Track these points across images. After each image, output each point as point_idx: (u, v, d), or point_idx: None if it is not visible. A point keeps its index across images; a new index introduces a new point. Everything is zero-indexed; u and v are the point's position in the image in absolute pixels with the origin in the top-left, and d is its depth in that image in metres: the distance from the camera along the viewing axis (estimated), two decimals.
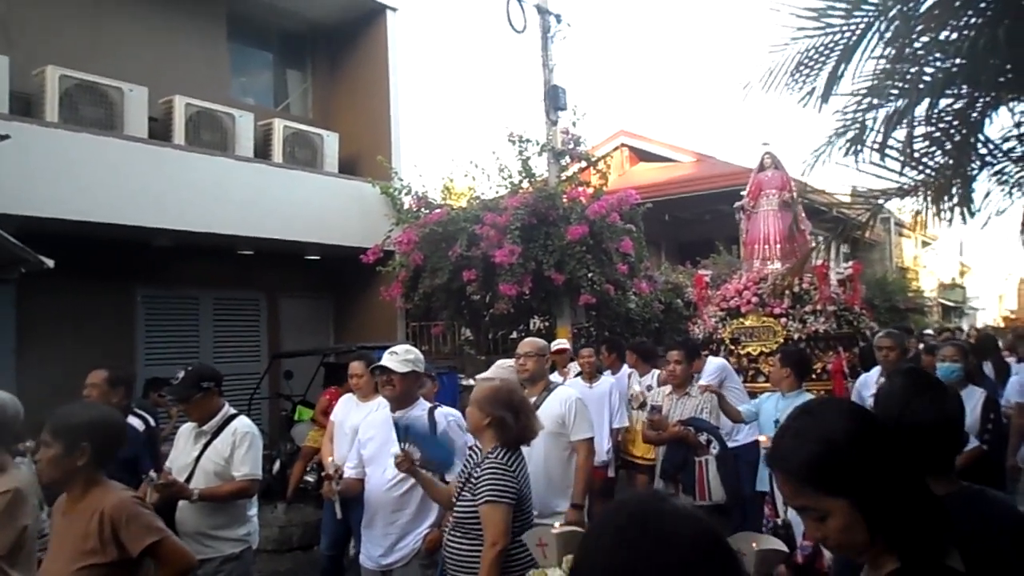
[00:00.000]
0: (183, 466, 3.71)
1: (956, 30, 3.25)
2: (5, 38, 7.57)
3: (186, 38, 9.46)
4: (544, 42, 10.01)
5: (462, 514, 2.99)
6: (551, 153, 9.88)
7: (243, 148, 9.07)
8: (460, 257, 8.81)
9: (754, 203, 8.97)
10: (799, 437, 1.37)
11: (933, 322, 20.38)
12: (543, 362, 4.26)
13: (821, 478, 1.32)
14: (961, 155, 3.62)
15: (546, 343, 4.54)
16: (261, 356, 10.08)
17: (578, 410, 4.05)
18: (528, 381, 4.20)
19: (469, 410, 3.12)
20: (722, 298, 8.63)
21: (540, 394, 4.12)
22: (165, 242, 8.45)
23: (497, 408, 3.04)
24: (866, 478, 1.30)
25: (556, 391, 4.20)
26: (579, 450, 4.01)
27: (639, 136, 18.50)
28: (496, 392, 3.12)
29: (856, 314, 8.32)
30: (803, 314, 8.02)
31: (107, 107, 7.98)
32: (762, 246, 8.78)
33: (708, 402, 4.93)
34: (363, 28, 10.95)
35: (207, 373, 3.79)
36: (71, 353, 7.69)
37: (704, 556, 1.06)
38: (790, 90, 3.89)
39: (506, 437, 3.04)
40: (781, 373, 4.95)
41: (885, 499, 1.30)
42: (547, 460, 3.92)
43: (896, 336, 5.63)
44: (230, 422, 3.76)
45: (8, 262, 6.10)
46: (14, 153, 6.41)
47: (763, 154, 9.13)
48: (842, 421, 1.37)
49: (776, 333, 7.95)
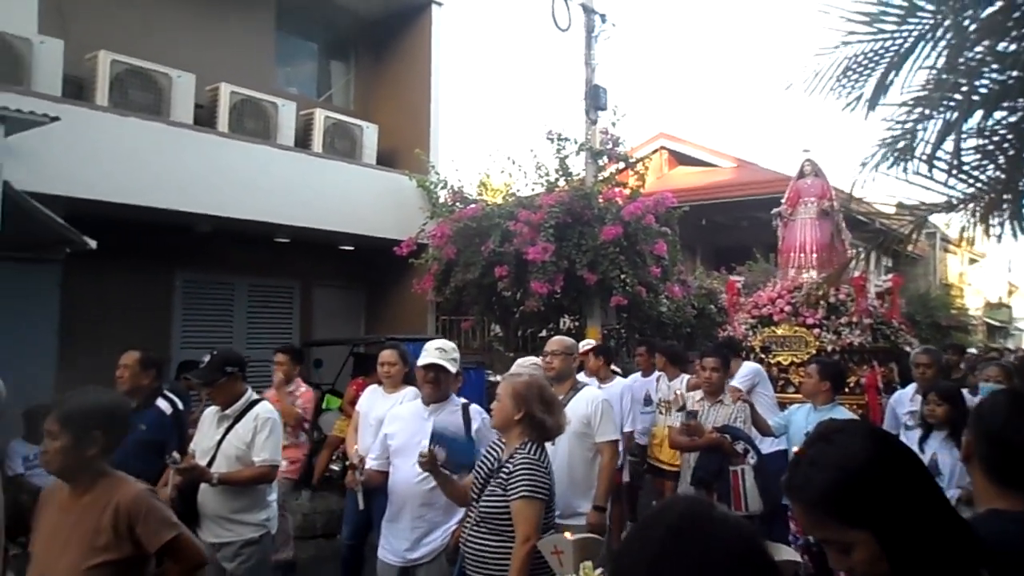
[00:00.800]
0: (205, 449, 3.75)
1: (1014, 41, 3.15)
2: (60, 22, 7.76)
3: (234, 26, 9.59)
4: (588, 41, 9.95)
5: (490, 510, 2.94)
6: (589, 153, 9.82)
7: (284, 137, 9.18)
8: (493, 253, 8.80)
9: (792, 210, 8.83)
10: (815, 465, 1.30)
11: (977, 341, 19.83)
12: (570, 361, 4.23)
13: (841, 508, 1.26)
14: (1013, 169, 3.51)
15: (574, 342, 4.48)
16: (293, 343, 10.18)
17: (604, 411, 4.02)
18: (555, 380, 4.15)
19: (499, 404, 3.08)
20: (754, 305, 8.51)
21: (567, 393, 4.09)
22: (205, 227, 8.59)
23: (530, 403, 3.02)
24: (888, 507, 1.24)
25: (583, 391, 4.16)
26: (603, 452, 3.98)
27: (679, 139, 18.31)
28: (528, 387, 3.10)
29: (894, 328, 8.14)
30: (838, 326, 7.86)
31: (155, 92, 8.13)
32: (798, 254, 8.64)
33: (742, 411, 4.86)
34: (408, 22, 11.00)
35: (232, 358, 3.83)
36: (111, 334, 7.86)
37: (748, 563, 1.05)
38: (836, 95, 3.81)
39: (536, 432, 3.03)
40: (820, 386, 4.83)
41: (907, 529, 1.24)
42: (571, 460, 3.90)
43: (934, 353, 5.57)
44: (252, 407, 3.78)
45: (54, 242, 6.25)
46: (64, 135, 6.55)
47: (803, 161, 8.98)
48: (861, 447, 1.30)
49: (808, 344, 7.81)
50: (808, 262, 8.53)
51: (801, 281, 8.31)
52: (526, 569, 2.78)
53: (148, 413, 4.14)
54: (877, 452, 1.31)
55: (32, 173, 6.39)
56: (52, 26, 7.57)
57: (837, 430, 1.39)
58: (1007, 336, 29.66)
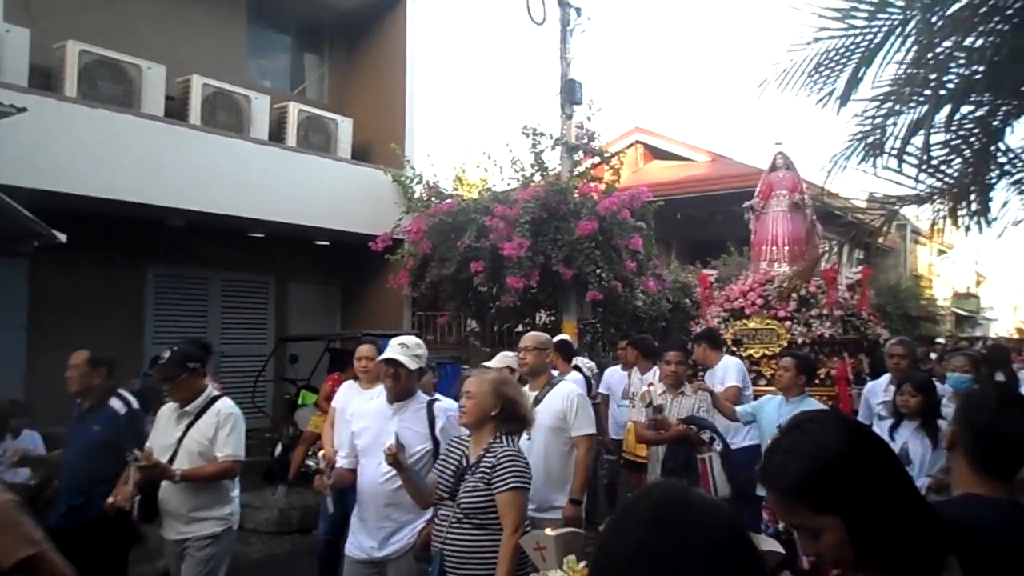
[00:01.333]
0: (165, 446, 3.67)
1: (980, 36, 3.20)
2: (27, 11, 7.60)
3: (206, 18, 9.46)
4: (563, 35, 9.96)
5: (473, 506, 2.94)
6: (565, 147, 9.84)
7: (258, 130, 9.08)
8: (468, 248, 8.79)
9: (764, 203, 8.83)
10: (790, 454, 1.34)
11: (946, 331, 20.22)
12: (544, 356, 4.24)
13: (812, 495, 1.30)
14: (980, 163, 3.58)
15: (548, 337, 4.49)
16: (267, 339, 10.11)
17: (579, 405, 4.05)
18: (529, 375, 4.21)
19: (472, 401, 3.07)
20: (726, 299, 8.51)
21: (542, 388, 4.12)
22: (178, 222, 8.48)
23: (503, 397, 3.04)
24: (858, 495, 1.28)
25: (558, 386, 4.18)
26: (579, 446, 4.00)
27: (654, 133, 18.39)
28: (504, 381, 3.13)
29: (864, 320, 8.20)
30: (809, 318, 7.89)
31: (125, 84, 8.00)
32: (770, 247, 8.64)
33: (704, 401, 4.94)
34: (382, 15, 10.92)
35: (193, 353, 3.76)
36: (81, 329, 7.73)
37: (726, 547, 1.07)
38: (808, 90, 3.85)
39: (512, 426, 3.06)
40: (797, 380, 4.89)
41: (875, 516, 1.28)
42: (547, 455, 3.93)
43: (908, 344, 5.58)
44: (213, 403, 3.75)
45: (22, 235, 6.13)
46: (31, 126, 6.43)
47: (775, 154, 8.98)
48: (834, 436, 1.34)
49: (780, 336, 7.83)
50: (780, 255, 8.54)
51: (773, 274, 8.32)
52: (516, 559, 2.81)
53: (101, 413, 4.04)
54: (849, 442, 1.34)
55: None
56: (18, 15, 7.43)
57: (810, 420, 1.42)
58: (975, 325, 30.28)
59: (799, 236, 8.61)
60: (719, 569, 1.04)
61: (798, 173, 8.88)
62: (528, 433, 3.97)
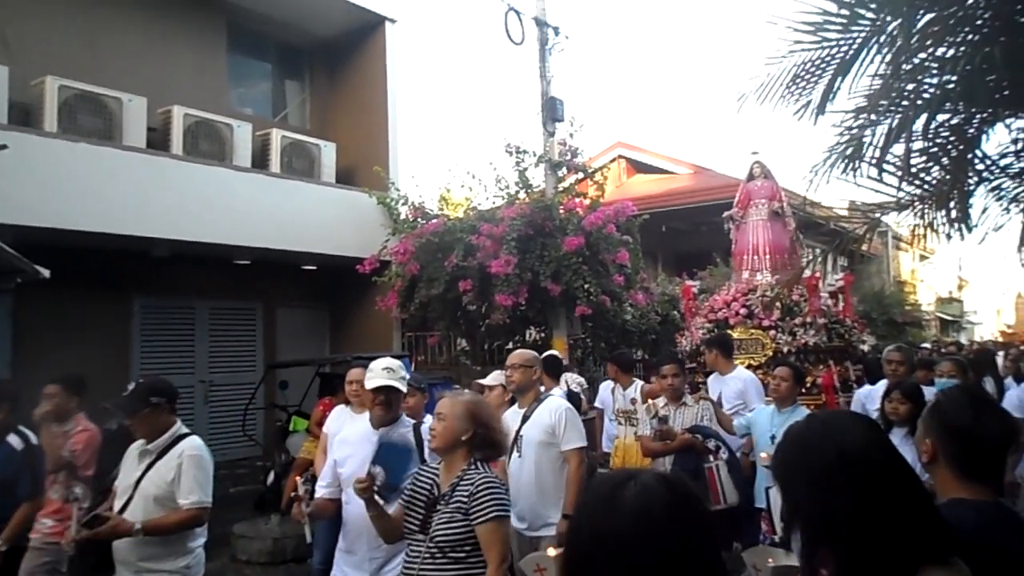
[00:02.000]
0: (125, 487, 3.34)
1: (953, 47, 3.27)
2: (4, 49, 7.58)
3: (185, 49, 9.48)
4: (542, 54, 10.04)
5: (449, 539, 2.72)
6: (548, 164, 9.88)
7: (241, 158, 9.08)
8: (456, 267, 8.80)
9: (743, 213, 8.81)
10: None
11: (931, 336, 20.39)
12: (531, 373, 4.24)
13: None
14: (958, 171, 3.64)
15: (535, 355, 4.48)
16: (257, 366, 10.04)
17: (568, 420, 4.04)
18: (517, 392, 4.24)
19: (443, 424, 2.87)
20: (710, 309, 8.47)
21: (530, 404, 4.15)
22: (162, 252, 8.44)
23: (476, 421, 2.89)
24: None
25: (546, 401, 4.19)
26: (570, 460, 4.00)
27: (636, 148, 18.54)
28: (478, 404, 3.00)
29: (848, 327, 8.17)
30: (793, 327, 7.85)
31: (106, 117, 7.98)
32: (751, 256, 8.61)
33: (706, 410, 4.98)
34: (362, 39, 10.98)
35: (159, 387, 3.47)
36: (67, 364, 7.60)
37: (650, 522, 1.16)
38: (786, 102, 3.92)
39: (487, 451, 2.93)
40: (796, 390, 4.98)
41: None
42: (539, 471, 3.97)
43: (906, 351, 5.62)
44: (178, 442, 3.39)
45: (4, 272, 6.08)
46: (12, 163, 6.40)
47: (752, 163, 8.97)
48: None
49: (765, 346, 7.79)
50: (762, 264, 8.50)
51: (755, 283, 8.30)
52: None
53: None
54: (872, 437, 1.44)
55: None
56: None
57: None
58: (959, 329, 30.54)
59: (780, 244, 8.60)
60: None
61: (776, 181, 8.88)
62: (519, 449, 4.00)
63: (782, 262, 8.43)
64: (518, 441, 4.03)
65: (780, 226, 8.63)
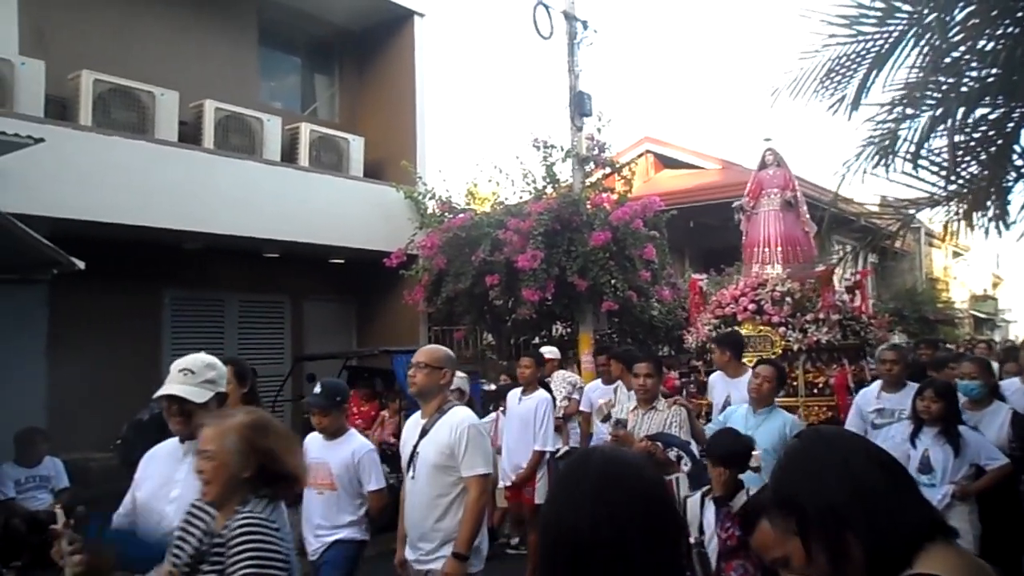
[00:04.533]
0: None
1: (993, 40, 3.20)
2: (41, 43, 7.72)
3: (216, 43, 9.58)
4: (571, 48, 9.99)
5: None
6: (576, 159, 9.85)
7: (270, 152, 9.16)
8: (483, 262, 8.81)
9: (754, 203, 8.24)
10: None
11: (964, 334, 20.01)
12: (439, 377, 3.43)
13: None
14: (996, 166, 3.56)
15: (447, 353, 3.63)
16: (284, 359, 10.14)
17: (471, 439, 3.31)
18: (418, 397, 3.53)
19: (211, 465, 2.17)
20: (717, 304, 7.90)
21: (431, 416, 3.42)
22: (193, 245, 8.55)
23: (257, 451, 2.18)
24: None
25: (450, 413, 3.41)
26: (470, 488, 3.31)
27: (664, 143, 18.37)
28: (252, 429, 2.22)
29: (864, 324, 7.59)
30: (804, 323, 7.27)
31: (139, 111, 8.10)
32: (762, 249, 8.04)
33: (677, 416, 4.48)
34: (390, 33, 11.01)
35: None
36: (100, 354, 7.80)
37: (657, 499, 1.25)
38: (819, 97, 3.86)
39: (273, 490, 2.24)
40: (776, 392, 4.67)
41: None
42: (433, 497, 3.33)
43: (900, 349, 5.47)
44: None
45: (41, 263, 6.21)
46: (48, 156, 6.52)
47: (765, 151, 8.38)
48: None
49: (774, 343, 7.26)
50: (773, 257, 7.93)
51: (765, 277, 7.76)
52: None
53: None
54: None
55: (17, 195, 6.36)
56: (33, 47, 7.54)
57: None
58: (993, 328, 29.93)
59: (793, 236, 8.03)
60: (655, 522, 1.21)
61: (789, 169, 8.30)
62: (414, 469, 3.41)
63: (794, 255, 7.90)
64: (414, 459, 3.42)
65: (793, 217, 8.06)
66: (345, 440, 3.95)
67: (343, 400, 3.99)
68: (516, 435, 6.00)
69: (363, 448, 3.94)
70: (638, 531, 1.18)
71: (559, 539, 1.21)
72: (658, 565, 1.18)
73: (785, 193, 8.08)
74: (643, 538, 1.18)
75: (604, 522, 1.17)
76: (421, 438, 3.42)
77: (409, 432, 3.57)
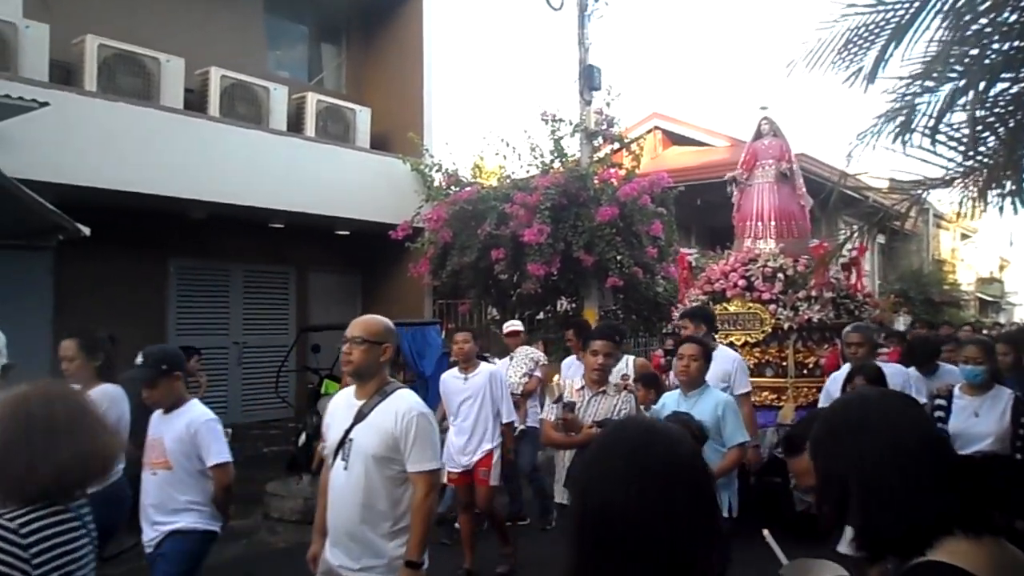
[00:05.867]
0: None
1: (1017, 11, 3.12)
2: (45, 7, 7.63)
3: (223, 10, 9.47)
4: (581, 20, 9.86)
5: None
6: (584, 134, 9.76)
7: (276, 121, 9.10)
8: (489, 236, 8.77)
9: (748, 175, 7.82)
10: None
11: (970, 316, 19.96)
12: (378, 353, 2.96)
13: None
14: (1015, 141, 3.49)
15: (386, 324, 3.07)
16: (289, 329, 10.16)
17: (420, 429, 2.88)
18: (354, 376, 3.06)
19: None
20: (707, 280, 7.54)
21: (371, 398, 2.96)
22: (199, 214, 8.52)
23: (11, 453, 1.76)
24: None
25: (394, 397, 2.95)
26: (416, 485, 2.87)
27: (673, 119, 18.21)
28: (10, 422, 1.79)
29: (859, 302, 7.26)
30: (796, 300, 6.90)
31: (144, 77, 8.03)
32: (755, 223, 7.64)
33: (627, 403, 4.21)
34: (399, 3, 10.88)
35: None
36: (105, 321, 7.76)
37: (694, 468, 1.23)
38: (836, 69, 3.79)
39: (24, 491, 1.78)
40: (705, 370, 4.27)
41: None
42: (369, 492, 2.87)
43: (865, 331, 5.11)
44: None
45: (46, 229, 6.19)
46: (53, 121, 6.47)
47: (760, 120, 7.99)
48: None
49: (764, 321, 6.89)
50: (767, 231, 7.55)
51: (757, 252, 7.40)
52: None
53: None
54: None
55: (21, 160, 6.32)
56: (37, 10, 7.45)
57: None
58: (999, 310, 29.85)
59: (788, 210, 7.64)
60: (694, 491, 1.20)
61: (786, 140, 7.91)
62: (345, 458, 2.91)
63: (788, 229, 7.54)
64: (345, 446, 2.94)
65: (788, 190, 7.67)
66: (183, 411, 3.50)
67: (172, 367, 3.48)
68: (474, 415, 5.43)
69: (200, 417, 3.49)
70: (673, 506, 1.16)
71: (592, 514, 1.20)
72: (692, 540, 1.16)
73: (781, 164, 7.68)
74: (678, 513, 1.16)
75: (636, 497, 1.15)
76: (357, 422, 2.93)
77: (339, 412, 3.06)
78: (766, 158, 7.77)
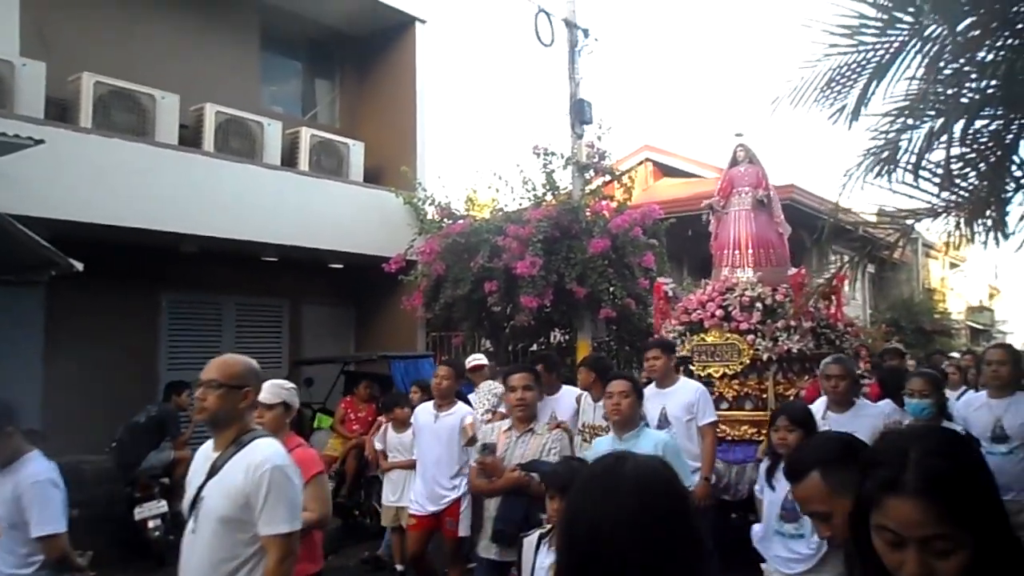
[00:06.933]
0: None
1: (993, 51, 3.21)
2: (42, 45, 7.73)
3: (218, 47, 9.60)
4: (571, 56, 10.02)
5: None
6: (575, 166, 9.86)
7: (270, 156, 9.17)
8: (482, 268, 8.80)
9: (724, 202, 7.71)
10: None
11: (961, 344, 20.06)
12: (237, 398, 2.68)
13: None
14: (996, 177, 3.57)
15: (247, 365, 2.85)
16: (282, 363, 10.13)
17: (274, 485, 2.53)
18: (210, 423, 2.71)
19: None
20: (683, 310, 7.30)
21: (225, 450, 2.63)
22: (192, 248, 8.54)
23: None
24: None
25: (249, 448, 2.61)
26: (269, 551, 2.54)
27: (663, 151, 18.43)
28: None
29: (839, 332, 7.07)
30: (775, 331, 6.70)
31: (139, 113, 8.11)
32: (731, 251, 7.51)
33: (558, 442, 3.86)
34: (391, 39, 11.04)
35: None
36: (97, 356, 7.79)
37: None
38: (820, 106, 3.88)
39: None
40: (637, 405, 3.86)
41: None
42: (211, 561, 2.54)
43: (846, 362, 4.77)
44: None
45: (39, 264, 6.20)
46: (48, 158, 6.51)
47: (736, 147, 7.88)
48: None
49: (742, 352, 6.68)
50: (744, 260, 7.40)
51: (735, 281, 7.25)
52: None
53: None
54: None
55: (16, 196, 6.35)
56: (34, 48, 7.55)
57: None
58: (990, 339, 29.98)
59: (765, 238, 7.51)
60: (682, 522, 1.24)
61: (763, 167, 7.80)
62: (195, 519, 2.61)
63: (767, 257, 7.41)
64: (196, 505, 2.61)
65: (765, 217, 7.55)
66: (12, 469, 3.12)
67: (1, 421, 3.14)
68: (436, 456, 5.07)
69: (29, 478, 3.06)
70: (671, 542, 1.19)
71: (590, 547, 1.21)
72: (678, 565, 1.20)
73: (757, 192, 7.53)
74: (676, 550, 1.20)
75: (641, 532, 1.19)
76: (209, 478, 2.59)
77: (197, 466, 2.72)
78: (742, 185, 7.64)
